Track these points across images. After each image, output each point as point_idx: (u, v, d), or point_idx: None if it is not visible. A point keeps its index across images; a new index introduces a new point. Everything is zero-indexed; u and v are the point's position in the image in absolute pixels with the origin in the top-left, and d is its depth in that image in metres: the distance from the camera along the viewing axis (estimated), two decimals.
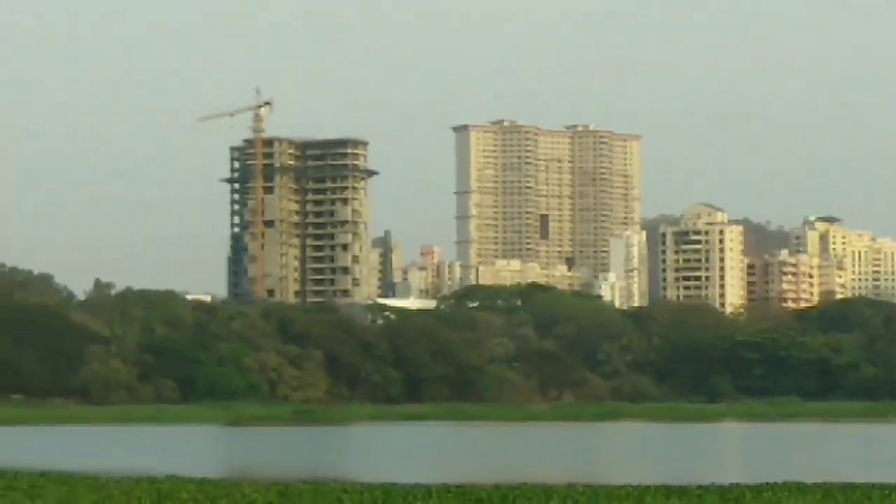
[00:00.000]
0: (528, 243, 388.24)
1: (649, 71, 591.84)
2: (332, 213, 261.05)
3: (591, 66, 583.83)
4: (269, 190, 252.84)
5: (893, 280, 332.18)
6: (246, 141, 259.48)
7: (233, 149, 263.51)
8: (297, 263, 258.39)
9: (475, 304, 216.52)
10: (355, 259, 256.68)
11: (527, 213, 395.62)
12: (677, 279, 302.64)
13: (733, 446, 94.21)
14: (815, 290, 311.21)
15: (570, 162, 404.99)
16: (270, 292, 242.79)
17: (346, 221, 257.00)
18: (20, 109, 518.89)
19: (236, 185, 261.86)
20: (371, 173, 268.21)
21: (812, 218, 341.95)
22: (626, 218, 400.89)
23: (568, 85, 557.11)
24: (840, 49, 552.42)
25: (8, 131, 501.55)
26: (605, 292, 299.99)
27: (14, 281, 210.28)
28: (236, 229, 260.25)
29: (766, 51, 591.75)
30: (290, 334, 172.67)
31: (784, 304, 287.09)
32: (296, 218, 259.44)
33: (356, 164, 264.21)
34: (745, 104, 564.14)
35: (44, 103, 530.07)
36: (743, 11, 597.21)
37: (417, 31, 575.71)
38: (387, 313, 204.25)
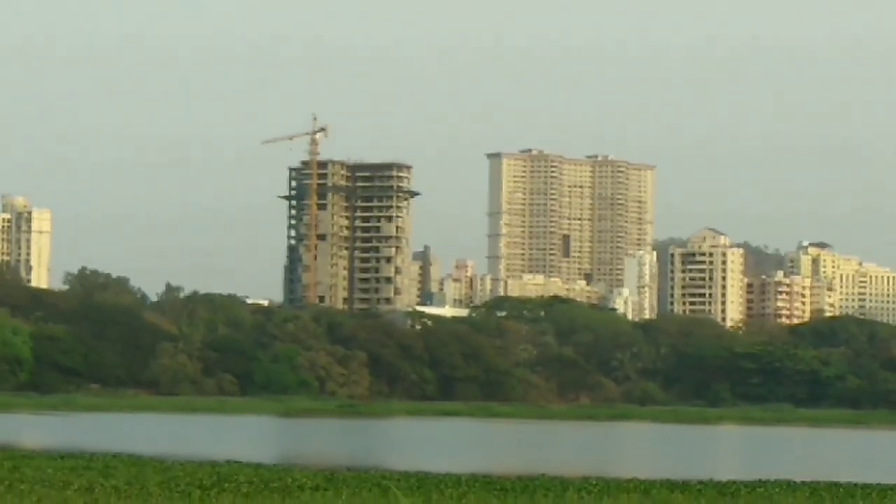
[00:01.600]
0: (551, 260, 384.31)
1: (663, 106, 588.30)
2: (377, 229, 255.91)
3: (613, 101, 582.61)
4: (322, 207, 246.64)
5: (878, 301, 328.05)
6: (303, 163, 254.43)
7: (291, 169, 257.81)
8: (345, 273, 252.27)
9: (503, 314, 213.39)
10: (397, 270, 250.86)
11: (551, 232, 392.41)
12: (684, 295, 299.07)
13: (731, 447, 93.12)
14: (807, 308, 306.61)
15: (590, 188, 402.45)
16: (321, 298, 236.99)
17: (391, 237, 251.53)
18: (107, 128, 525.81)
19: (293, 202, 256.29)
20: (413, 194, 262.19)
21: (805, 243, 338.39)
22: (639, 239, 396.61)
23: (590, 118, 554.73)
24: (835, 89, 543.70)
25: (94, 149, 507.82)
26: (619, 306, 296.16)
27: (95, 283, 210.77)
28: (292, 241, 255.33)
29: (767, 91, 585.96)
30: (337, 336, 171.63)
31: (779, 321, 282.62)
32: (346, 233, 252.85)
33: (400, 186, 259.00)
34: (749, 139, 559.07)
35: (126, 124, 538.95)
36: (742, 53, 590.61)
37: (459, 66, 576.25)
38: (424, 319, 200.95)
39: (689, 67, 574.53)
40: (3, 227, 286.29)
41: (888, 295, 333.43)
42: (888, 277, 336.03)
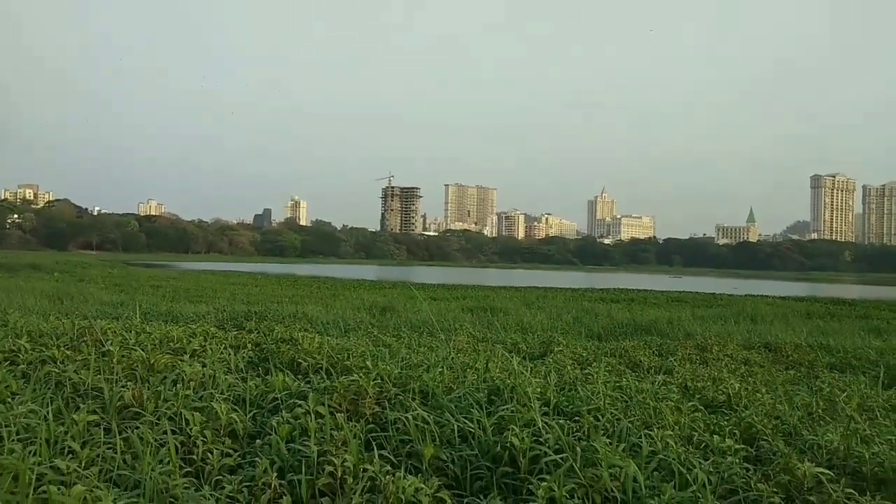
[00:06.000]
0: None
1: None
2: (409, 207, 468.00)
3: None
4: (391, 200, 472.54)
5: None
6: (385, 188, 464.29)
7: (382, 189, 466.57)
8: (399, 220, 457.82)
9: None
10: (414, 222, 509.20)
11: None
12: None
13: None
14: None
15: None
16: (392, 229, 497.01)
17: (413, 209, 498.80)
18: None
19: (383, 199, 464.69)
20: (419, 197, 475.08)
21: None
22: None
23: None
24: None
25: None
26: None
27: None
28: (383, 210, 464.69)
29: None
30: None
31: None
32: (399, 208, 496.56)
33: (415, 193, 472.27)
34: None
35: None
36: None
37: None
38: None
39: None
40: None
41: None
42: None
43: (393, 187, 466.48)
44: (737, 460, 5.95)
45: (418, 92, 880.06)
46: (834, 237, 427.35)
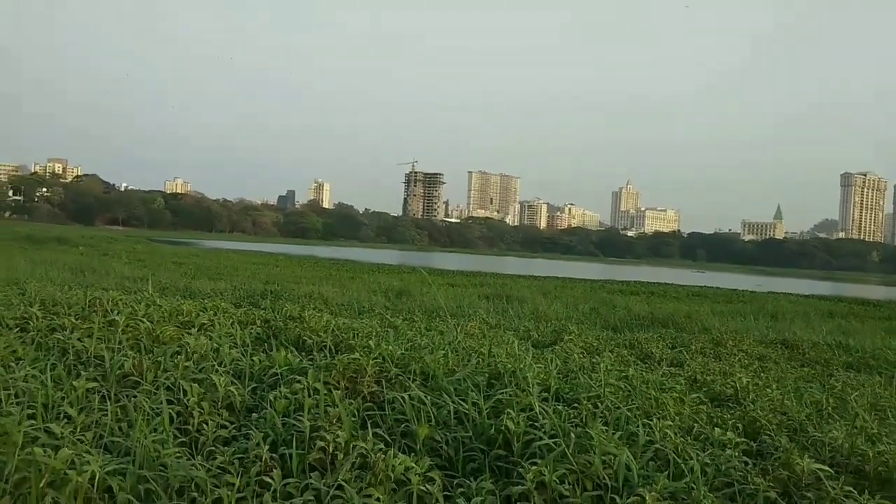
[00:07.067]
0: None
1: None
2: (431, 193, 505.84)
3: None
4: (414, 185, 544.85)
5: None
6: (408, 173, 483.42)
7: (405, 174, 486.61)
8: (420, 205, 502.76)
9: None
10: (437, 208, 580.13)
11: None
12: None
13: None
14: None
15: None
16: (413, 213, 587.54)
17: (436, 195, 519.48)
18: None
19: (406, 184, 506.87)
20: (442, 183, 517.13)
21: None
22: None
23: None
24: None
25: None
26: None
27: None
28: (405, 195, 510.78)
29: None
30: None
31: None
32: (422, 192, 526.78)
33: (438, 179, 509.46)
34: None
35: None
36: None
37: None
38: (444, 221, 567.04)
39: None
40: None
41: None
42: None
43: (416, 172, 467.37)
44: (736, 453, 5.88)
45: (442, 78, 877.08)
46: (862, 237, 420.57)
